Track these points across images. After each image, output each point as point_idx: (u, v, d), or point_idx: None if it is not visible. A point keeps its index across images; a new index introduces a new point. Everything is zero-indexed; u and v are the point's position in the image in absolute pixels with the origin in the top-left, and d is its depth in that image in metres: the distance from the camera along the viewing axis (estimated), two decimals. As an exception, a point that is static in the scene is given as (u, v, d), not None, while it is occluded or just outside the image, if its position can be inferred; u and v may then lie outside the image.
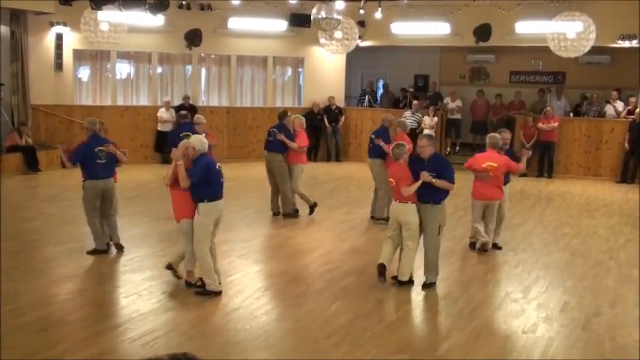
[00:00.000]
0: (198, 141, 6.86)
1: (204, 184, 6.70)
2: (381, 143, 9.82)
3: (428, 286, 7.21)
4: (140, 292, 7.04)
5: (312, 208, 10.58)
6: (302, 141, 10.43)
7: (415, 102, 16.88)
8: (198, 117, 10.72)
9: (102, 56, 16.53)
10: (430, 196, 7.14)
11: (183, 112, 10.47)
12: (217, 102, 17.82)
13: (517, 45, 16.54)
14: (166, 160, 8.16)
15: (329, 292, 7.09)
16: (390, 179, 7.44)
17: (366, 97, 18.55)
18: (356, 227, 10.02)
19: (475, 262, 8.36)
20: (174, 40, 16.59)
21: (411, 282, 7.24)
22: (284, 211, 10.46)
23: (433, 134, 16.42)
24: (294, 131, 10.38)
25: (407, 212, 7.16)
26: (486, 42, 16.33)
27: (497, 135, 8.70)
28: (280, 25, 17.05)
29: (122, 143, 15.71)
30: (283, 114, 10.57)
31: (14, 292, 6.73)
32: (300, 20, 16.55)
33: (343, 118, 17.64)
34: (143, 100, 17.19)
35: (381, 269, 7.15)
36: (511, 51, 17.76)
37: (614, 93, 15.82)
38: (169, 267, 7.22)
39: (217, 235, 7.17)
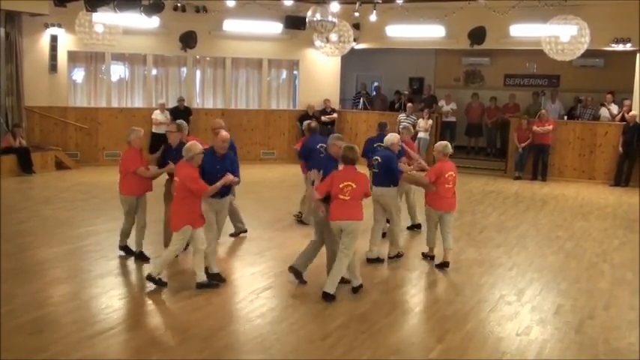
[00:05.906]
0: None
1: None
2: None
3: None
4: (134, 295, 7.05)
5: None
6: None
7: (409, 105, 16.92)
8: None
9: (97, 58, 16.53)
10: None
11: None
12: (212, 104, 17.84)
13: (511, 48, 16.62)
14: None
15: (324, 294, 7.10)
16: None
17: (361, 99, 18.56)
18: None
19: (469, 265, 8.38)
20: (169, 42, 16.60)
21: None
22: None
23: (428, 137, 16.50)
24: None
25: None
26: (481, 45, 16.41)
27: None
28: (275, 27, 17.07)
29: (117, 145, 15.87)
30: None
31: (9, 294, 6.71)
32: (295, 22, 16.57)
33: (335, 115, 17.60)
34: (138, 102, 17.20)
35: None
36: (506, 54, 17.84)
37: (609, 96, 15.87)
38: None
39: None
